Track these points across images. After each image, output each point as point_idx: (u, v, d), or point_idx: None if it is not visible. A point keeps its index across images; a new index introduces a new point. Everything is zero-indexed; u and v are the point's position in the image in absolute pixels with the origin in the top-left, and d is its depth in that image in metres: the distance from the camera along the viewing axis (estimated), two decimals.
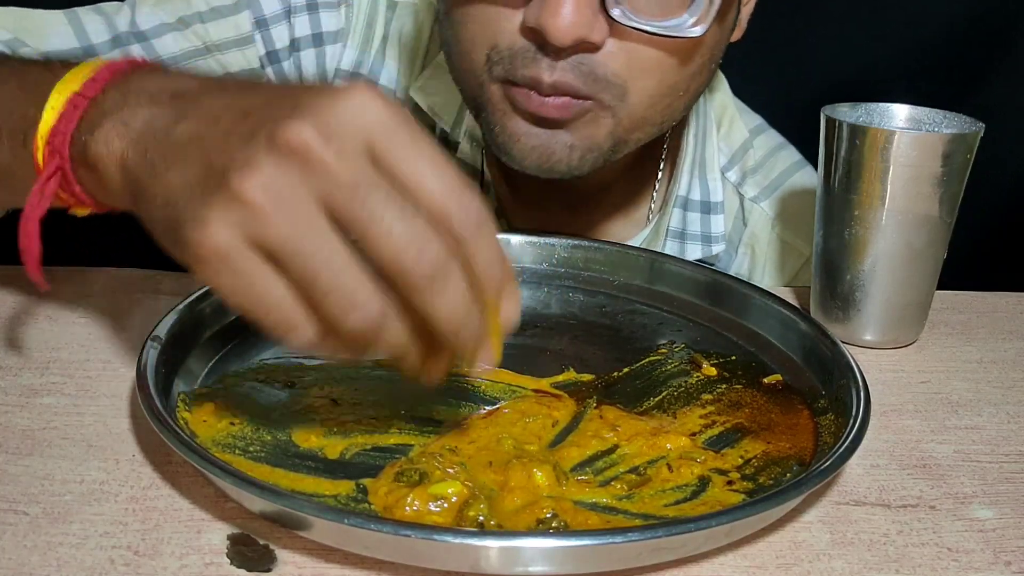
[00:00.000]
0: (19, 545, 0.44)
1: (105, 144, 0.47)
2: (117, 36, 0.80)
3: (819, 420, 0.57)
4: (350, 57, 0.85)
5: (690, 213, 0.85)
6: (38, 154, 0.50)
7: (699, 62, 0.68)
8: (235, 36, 0.81)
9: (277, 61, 0.83)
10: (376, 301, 0.41)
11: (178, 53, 0.81)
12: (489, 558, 0.42)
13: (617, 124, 0.67)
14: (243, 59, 0.82)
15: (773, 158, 0.88)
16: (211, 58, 0.81)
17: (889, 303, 0.68)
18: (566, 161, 0.68)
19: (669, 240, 0.84)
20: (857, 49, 1.11)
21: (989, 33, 1.10)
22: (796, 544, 0.48)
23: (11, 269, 0.72)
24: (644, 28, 0.63)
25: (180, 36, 0.80)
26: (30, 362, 0.60)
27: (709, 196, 0.84)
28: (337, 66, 0.85)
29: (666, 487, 0.50)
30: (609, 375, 0.61)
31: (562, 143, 0.67)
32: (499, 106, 0.68)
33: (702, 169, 0.85)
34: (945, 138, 0.65)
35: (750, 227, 0.87)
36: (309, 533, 0.44)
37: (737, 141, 0.87)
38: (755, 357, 0.64)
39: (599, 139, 0.68)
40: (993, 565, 0.47)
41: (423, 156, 0.42)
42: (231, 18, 0.81)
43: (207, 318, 0.61)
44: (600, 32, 0.63)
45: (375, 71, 0.86)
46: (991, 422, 0.60)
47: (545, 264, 0.73)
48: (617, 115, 0.67)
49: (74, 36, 0.79)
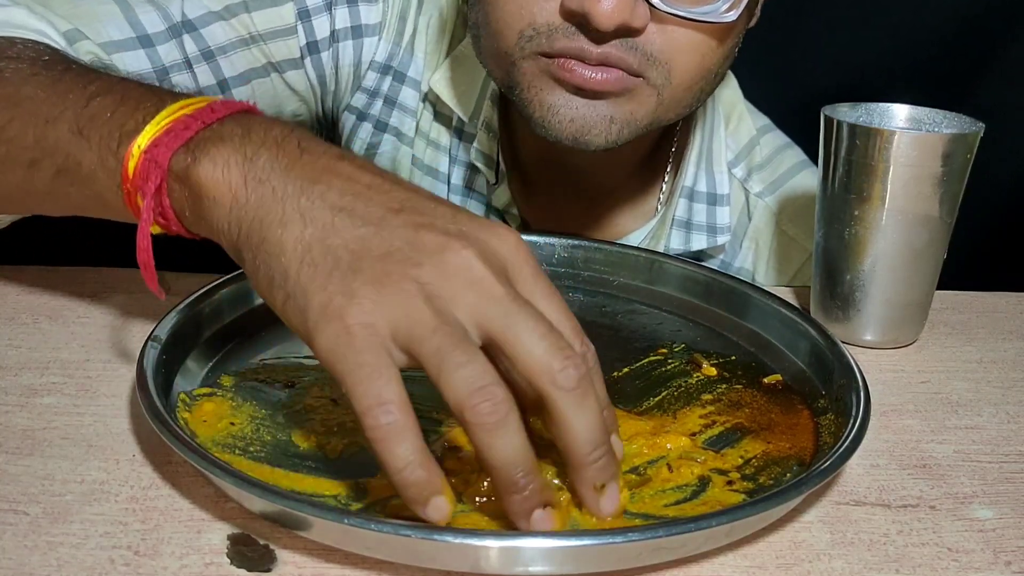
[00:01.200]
0: (19, 545, 0.44)
1: (222, 168, 0.47)
2: (172, 26, 0.79)
3: (819, 420, 0.57)
4: (384, 50, 0.86)
5: (696, 204, 0.85)
6: (130, 162, 0.50)
7: (730, 45, 0.71)
8: (280, 26, 0.82)
9: (316, 52, 0.84)
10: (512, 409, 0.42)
11: (224, 42, 0.81)
12: (489, 558, 0.42)
13: (659, 103, 0.69)
14: (286, 49, 0.82)
15: (779, 156, 0.89)
16: (255, 47, 0.82)
17: (889, 303, 0.68)
18: (604, 134, 0.69)
19: (675, 229, 0.85)
20: (857, 49, 1.11)
21: (989, 33, 1.10)
22: (796, 544, 0.48)
23: (11, 269, 0.72)
24: (682, 15, 0.65)
25: (227, 25, 0.80)
26: (30, 362, 0.60)
27: (716, 188, 0.85)
28: (372, 58, 0.86)
29: (666, 487, 0.50)
30: (609, 375, 0.61)
31: (601, 115, 0.68)
32: (535, 81, 0.69)
33: (709, 162, 0.85)
34: (945, 138, 0.65)
35: (755, 222, 0.87)
36: (309, 533, 0.44)
37: (744, 138, 0.88)
38: (755, 357, 0.64)
39: (639, 115, 0.69)
40: (993, 565, 0.47)
41: (548, 289, 0.46)
42: (276, 8, 0.81)
43: (207, 318, 0.61)
44: (641, 18, 0.65)
45: (404, 63, 0.87)
46: (991, 422, 0.60)
47: (545, 264, 0.73)
48: (662, 94, 0.69)
49: (129, 26, 0.78)
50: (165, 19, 0.79)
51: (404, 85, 0.87)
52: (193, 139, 0.49)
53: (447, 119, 0.87)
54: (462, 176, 0.88)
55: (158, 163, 0.49)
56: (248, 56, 0.82)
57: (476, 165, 0.85)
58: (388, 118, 0.88)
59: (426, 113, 0.88)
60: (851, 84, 0.94)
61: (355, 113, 0.88)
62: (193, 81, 0.81)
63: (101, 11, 0.78)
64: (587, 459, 0.44)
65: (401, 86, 0.87)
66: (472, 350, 0.42)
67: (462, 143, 0.87)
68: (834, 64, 1.11)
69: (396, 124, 0.88)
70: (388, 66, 0.87)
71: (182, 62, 0.80)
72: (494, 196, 0.86)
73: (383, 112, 0.88)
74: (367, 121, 0.89)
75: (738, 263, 0.88)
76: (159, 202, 0.50)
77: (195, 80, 0.81)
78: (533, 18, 0.67)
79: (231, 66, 0.81)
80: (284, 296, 0.45)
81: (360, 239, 0.44)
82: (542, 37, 0.67)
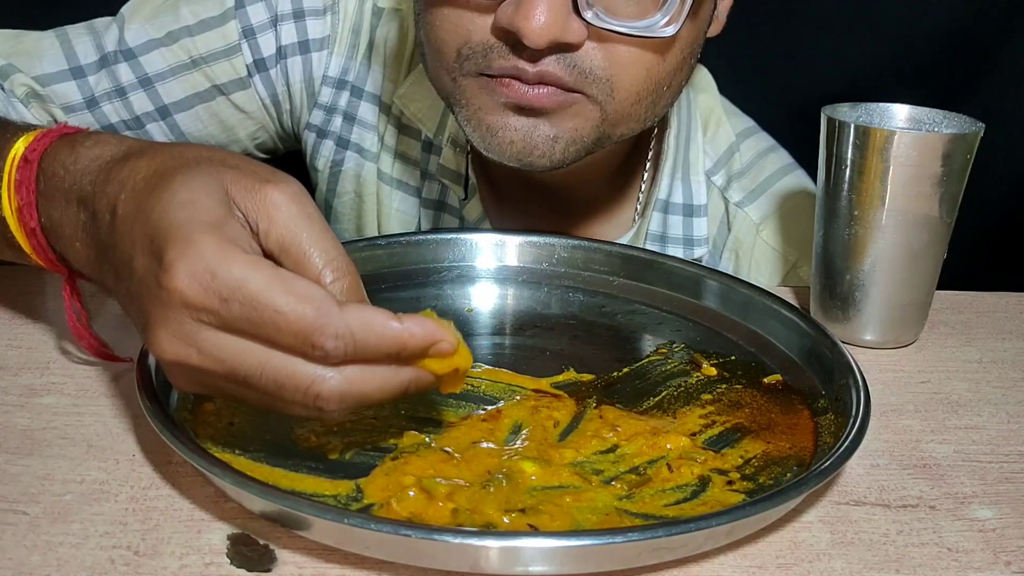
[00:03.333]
0: (19, 545, 0.44)
1: (58, 217, 0.51)
2: (104, 56, 0.81)
3: (819, 420, 0.57)
4: (337, 64, 0.86)
5: (671, 216, 0.84)
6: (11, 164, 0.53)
7: (679, 57, 0.68)
8: (222, 47, 0.82)
9: (264, 69, 0.84)
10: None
11: (165, 69, 0.82)
12: (489, 558, 0.42)
13: (604, 119, 0.67)
14: (231, 69, 0.83)
15: (761, 161, 0.87)
16: (197, 71, 0.82)
17: (889, 303, 0.68)
18: (548, 154, 0.67)
19: (649, 243, 0.84)
20: (857, 49, 1.11)
21: (989, 33, 1.10)
22: (796, 544, 0.48)
23: (11, 269, 0.72)
24: (617, 29, 0.63)
25: (167, 52, 0.81)
26: (30, 362, 0.60)
27: (692, 199, 0.84)
28: (324, 73, 0.86)
29: (666, 487, 0.50)
30: (609, 375, 0.61)
31: (544, 135, 0.66)
32: (475, 100, 0.67)
33: (685, 171, 0.84)
34: (945, 138, 0.65)
35: (734, 232, 0.86)
36: (309, 533, 0.44)
37: (723, 144, 0.86)
38: (755, 357, 0.64)
39: (584, 132, 0.67)
40: (993, 565, 0.47)
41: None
42: (218, 29, 0.82)
43: None
44: (575, 34, 0.63)
45: (360, 78, 0.86)
46: (991, 422, 0.60)
47: (545, 264, 0.73)
48: (605, 109, 0.66)
49: (64, 58, 0.81)
50: (98, 49, 0.81)
51: (363, 100, 0.87)
52: (36, 194, 0.52)
53: (416, 132, 0.86)
54: (435, 190, 0.87)
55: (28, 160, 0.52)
56: (191, 80, 0.82)
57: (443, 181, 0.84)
58: (349, 135, 0.88)
59: (391, 127, 0.87)
60: (851, 84, 0.94)
61: (315, 131, 0.88)
62: (127, 109, 0.82)
63: (41, 46, 0.81)
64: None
65: (360, 101, 0.87)
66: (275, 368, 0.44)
67: (432, 156, 0.86)
68: (834, 64, 1.10)
69: (357, 140, 0.88)
70: (344, 80, 0.86)
71: (112, 90, 0.81)
72: (465, 210, 0.85)
73: (343, 128, 0.87)
74: (328, 139, 0.88)
75: None
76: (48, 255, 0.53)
77: (130, 108, 0.82)
78: (468, 36, 0.65)
79: (169, 93, 0.82)
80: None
81: (123, 288, 0.47)
82: (478, 56, 0.65)
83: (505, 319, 0.69)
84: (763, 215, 0.85)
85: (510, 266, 0.73)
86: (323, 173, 0.90)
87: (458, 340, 0.46)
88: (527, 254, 0.73)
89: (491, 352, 0.64)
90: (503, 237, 0.74)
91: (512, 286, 0.72)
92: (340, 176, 0.89)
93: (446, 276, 0.71)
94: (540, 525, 0.46)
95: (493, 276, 0.73)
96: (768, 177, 0.86)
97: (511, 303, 0.71)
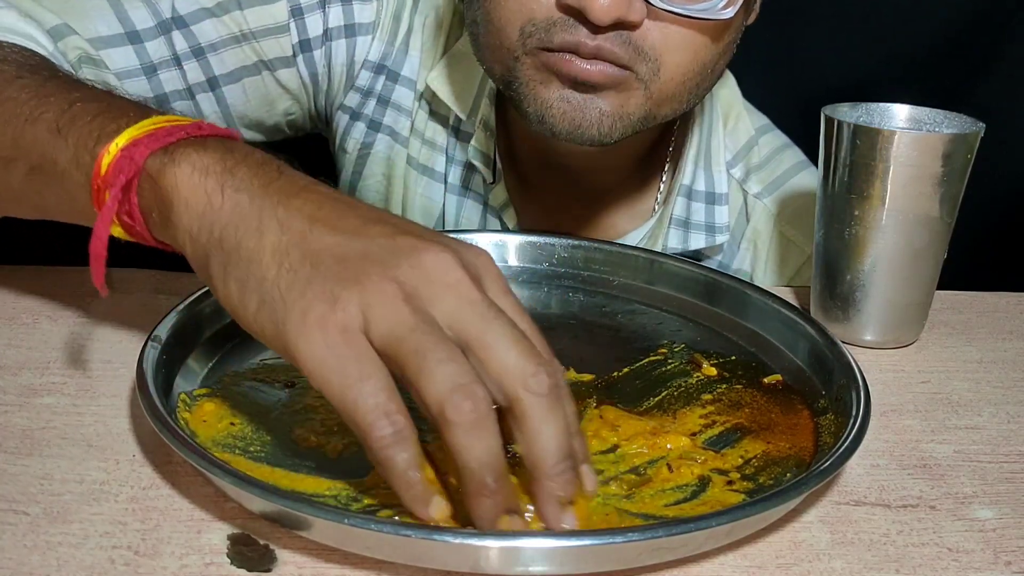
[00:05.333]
0: (19, 545, 0.44)
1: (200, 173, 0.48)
2: (162, 22, 0.79)
3: (819, 420, 0.57)
4: (377, 49, 0.86)
5: (694, 203, 0.85)
6: (104, 158, 0.50)
7: (727, 41, 0.71)
8: (271, 24, 0.82)
9: (309, 50, 0.84)
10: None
11: (215, 39, 0.81)
12: (489, 558, 0.42)
13: (648, 97, 0.70)
14: (278, 47, 0.82)
15: (778, 156, 0.89)
16: (247, 45, 0.81)
17: (889, 303, 0.68)
18: (597, 126, 0.70)
19: (673, 228, 0.85)
20: (857, 49, 1.11)
21: (989, 33, 1.10)
22: (796, 544, 0.48)
23: (11, 269, 0.72)
24: (679, 12, 0.66)
25: (218, 22, 0.80)
26: (30, 362, 0.60)
27: (714, 187, 0.85)
28: (366, 57, 0.86)
29: (666, 487, 0.50)
30: (609, 375, 0.61)
31: (595, 108, 0.69)
32: (534, 76, 0.70)
33: (707, 161, 0.85)
34: (945, 138, 0.65)
35: (752, 223, 0.87)
36: (309, 533, 0.44)
37: (743, 138, 0.88)
38: (755, 357, 0.64)
39: (630, 109, 0.70)
40: (993, 565, 0.47)
41: (519, 307, 0.48)
42: (268, 6, 0.81)
43: (207, 318, 0.61)
44: (638, 13, 0.66)
45: (397, 63, 0.87)
46: (991, 422, 0.60)
47: (545, 264, 0.73)
48: (650, 88, 0.69)
49: (118, 22, 0.78)
50: (154, 15, 0.79)
51: (398, 84, 0.87)
52: (174, 144, 0.49)
53: (443, 118, 0.87)
54: (459, 175, 0.88)
55: (133, 160, 0.49)
56: (239, 54, 0.81)
57: (473, 164, 0.85)
58: (382, 117, 0.88)
59: (421, 112, 0.88)
60: (851, 84, 0.94)
61: (348, 112, 0.88)
62: (182, 79, 0.81)
63: (90, 6, 0.78)
64: (552, 470, 0.43)
65: (395, 85, 0.87)
66: (453, 348, 0.42)
67: (459, 142, 0.87)
68: (834, 64, 1.11)
69: (390, 123, 0.88)
70: (382, 65, 0.87)
71: (170, 59, 0.80)
72: (491, 195, 0.86)
73: (376, 111, 0.88)
74: (360, 121, 0.88)
75: (736, 264, 0.88)
76: (127, 199, 0.50)
77: (184, 78, 0.81)
78: (532, 14, 0.68)
79: (221, 63, 0.81)
80: (258, 302, 0.45)
81: (338, 244, 0.45)
82: (541, 32, 0.68)
83: None
84: (781, 207, 0.87)
85: (510, 266, 0.73)
86: (351, 155, 0.90)
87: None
88: (527, 254, 0.74)
89: None
90: (503, 237, 0.74)
91: (512, 286, 0.71)
92: (369, 159, 0.90)
93: None
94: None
95: None
96: (785, 171, 0.88)
97: None
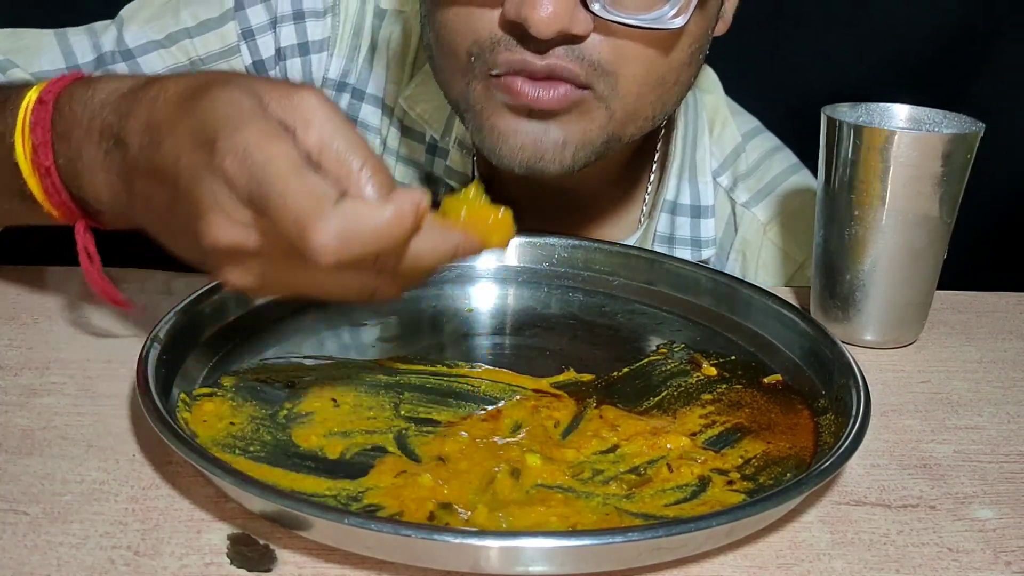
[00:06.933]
0: (19, 545, 0.44)
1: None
2: (101, 55, 0.81)
3: (819, 420, 0.57)
4: (337, 66, 0.85)
5: (678, 217, 0.83)
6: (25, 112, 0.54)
7: (686, 52, 0.67)
8: (221, 48, 0.82)
9: (263, 71, 0.84)
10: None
11: (163, 70, 0.81)
12: (489, 558, 0.42)
13: (611, 117, 0.66)
14: (229, 70, 0.82)
15: (767, 162, 0.87)
16: None
17: (889, 303, 0.68)
18: (559, 159, 0.67)
19: (657, 245, 0.83)
20: (857, 49, 1.11)
21: (989, 33, 1.11)
22: (796, 544, 0.48)
23: (11, 269, 0.72)
24: (625, 21, 0.63)
25: (166, 53, 0.81)
26: (30, 362, 0.60)
27: (699, 200, 0.83)
28: (324, 75, 0.85)
29: (666, 487, 0.50)
30: (609, 375, 0.61)
31: (553, 140, 0.66)
32: (485, 104, 0.66)
33: (692, 172, 0.83)
34: (945, 138, 0.65)
35: (741, 233, 0.85)
36: (309, 533, 0.44)
37: (729, 145, 0.86)
38: (755, 357, 0.64)
39: (592, 133, 0.67)
40: (993, 565, 0.47)
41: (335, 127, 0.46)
42: (217, 30, 0.82)
43: (207, 318, 0.61)
44: (582, 25, 0.62)
45: (362, 80, 0.86)
46: (991, 422, 0.60)
47: (545, 264, 0.73)
48: (611, 107, 0.66)
49: (61, 56, 0.81)
50: (95, 48, 0.81)
51: (364, 103, 0.86)
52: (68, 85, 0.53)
53: (419, 135, 0.86)
54: (439, 193, 0.86)
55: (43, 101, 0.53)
56: None
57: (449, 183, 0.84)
58: None
59: (393, 129, 0.86)
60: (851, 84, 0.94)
61: None
62: None
63: (40, 44, 0.82)
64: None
65: (361, 103, 0.86)
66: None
67: (436, 159, 0.86)
68: (834, 64, 1.11)
69: None
70: (344, 83, 0.86)
71: None
72: None
73: None
74: None
75: None
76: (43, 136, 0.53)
77: None
78: (477, 33, 0.64)
79: None
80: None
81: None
82: (486, 53, 0.64)
83: (505, 319, 0.69)
84: (770, 215, 0.85)
85: (510, 266, 0.73)
86: None
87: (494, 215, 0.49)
88: (527, 254, 0.73)
89: (491, 352, 0.64)
90: None
91: (512, 286, 0.72)
92: None
93: (446, 276, 0.71)
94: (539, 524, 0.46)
95: (493, 276, 0.72)
96: (774, 177, 0.86)
97: (511, 303, 0.71)
